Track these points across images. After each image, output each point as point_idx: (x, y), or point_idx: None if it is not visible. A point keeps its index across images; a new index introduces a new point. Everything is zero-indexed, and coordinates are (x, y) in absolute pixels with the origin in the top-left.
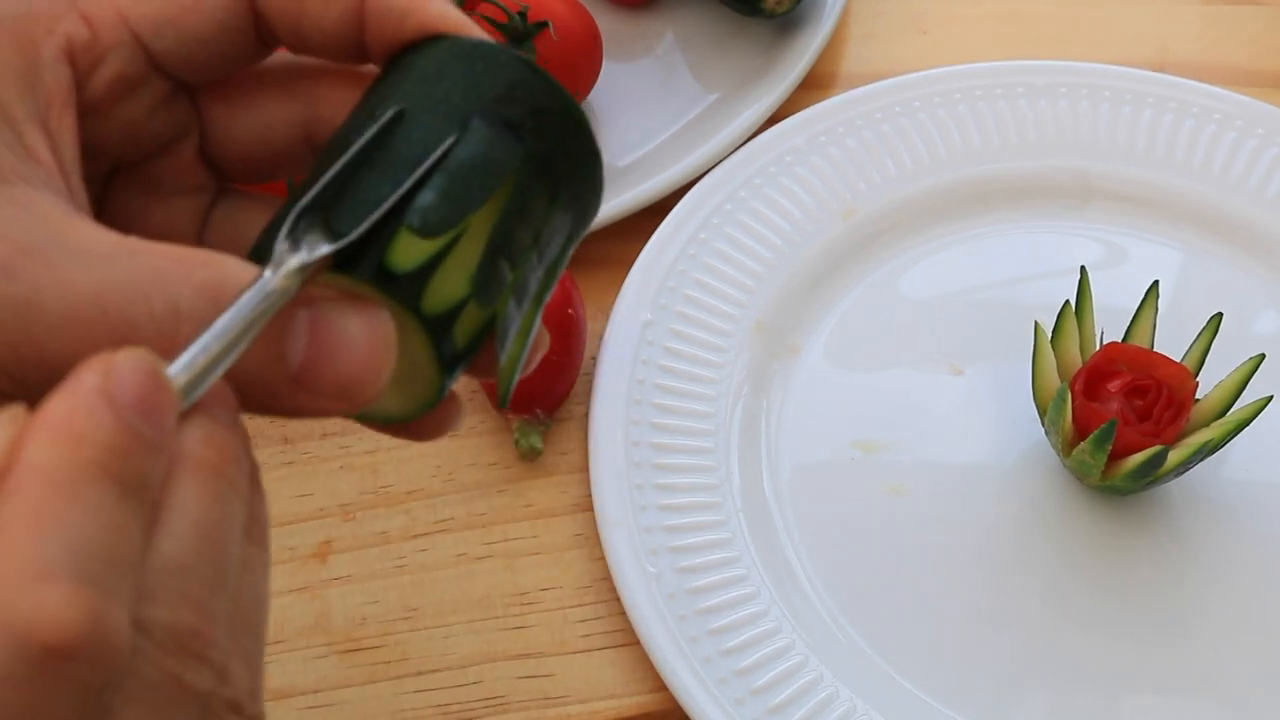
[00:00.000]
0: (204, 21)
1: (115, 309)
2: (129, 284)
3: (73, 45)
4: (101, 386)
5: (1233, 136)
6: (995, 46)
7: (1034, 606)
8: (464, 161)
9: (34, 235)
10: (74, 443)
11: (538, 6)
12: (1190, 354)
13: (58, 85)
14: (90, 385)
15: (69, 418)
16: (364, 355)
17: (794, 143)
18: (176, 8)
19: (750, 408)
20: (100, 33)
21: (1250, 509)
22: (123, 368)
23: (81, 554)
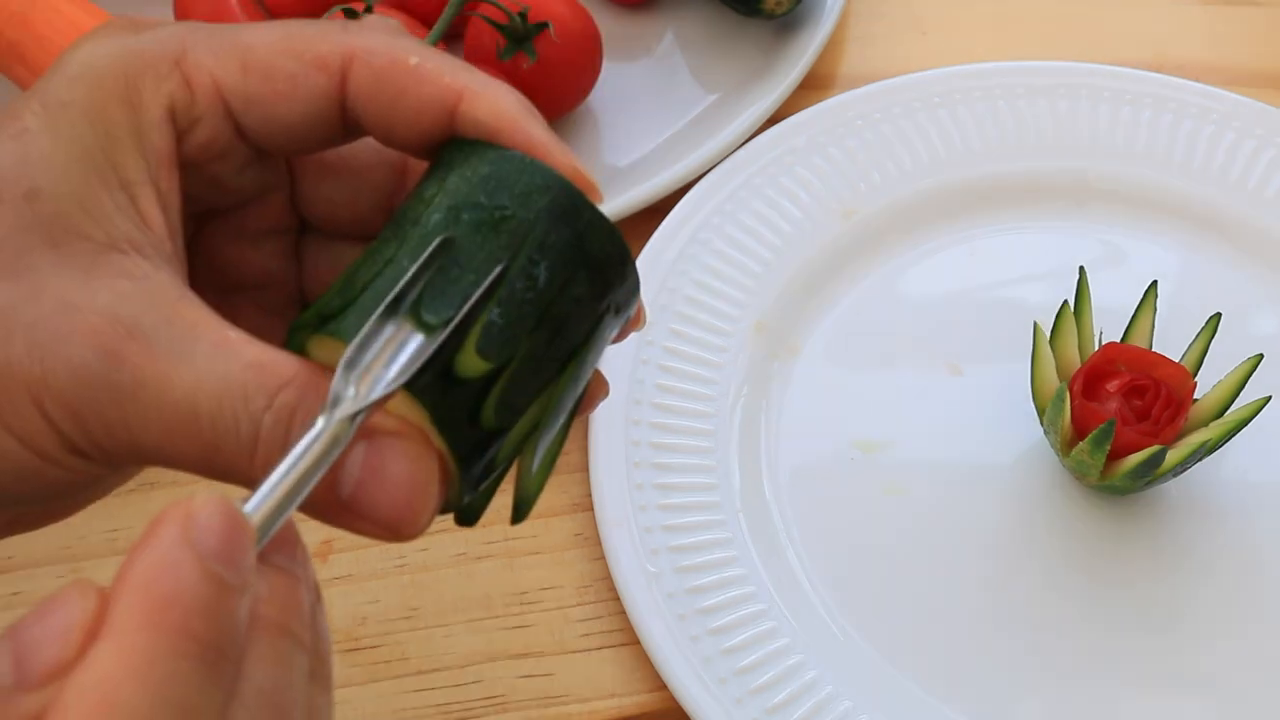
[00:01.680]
0: (294, 108)
1: (206, 418)
2: (222, 393)
3: (175, 106)
4: (183, 537)
5: (1231, 137)
6: (994, 47)
7: (1033, 605)
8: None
9: (141, 317)
10: (160, 608)
11: (538, 7)
12: (1189, 354)
13: (164, 145)
14: (172, 538)
15: (155, 577)
16: (409, 496)
17: (794, 143)
18: (269, 90)
19: (750, 408)
20: (198, 97)
21: (1249, 508)
22: (202, 514)
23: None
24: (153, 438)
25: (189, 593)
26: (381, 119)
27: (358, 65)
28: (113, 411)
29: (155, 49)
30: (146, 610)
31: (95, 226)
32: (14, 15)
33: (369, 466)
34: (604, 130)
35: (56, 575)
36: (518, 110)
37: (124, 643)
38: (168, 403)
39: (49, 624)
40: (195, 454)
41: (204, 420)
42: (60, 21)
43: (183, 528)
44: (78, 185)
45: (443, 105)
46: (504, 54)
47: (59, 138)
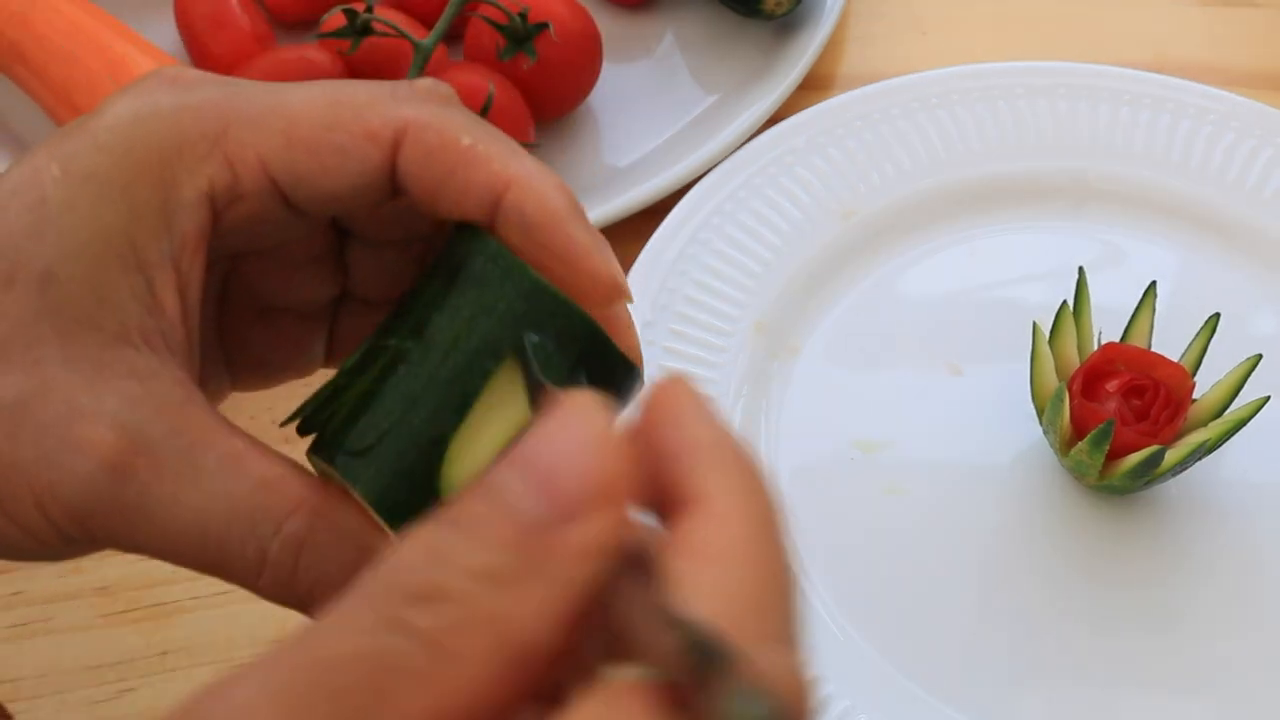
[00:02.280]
0: (343, 182)
1: (214, 539)
2: (229, 516)
3: (214, 189)
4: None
5: (1230, 137)
6: (994, 48)
7: (1032, 605)
8: None
9: (148, 428)
10: (751, 475)
11: (538, 8)
12: (1188, 354)
13: (194, 227)
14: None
15: (721, 439)
16: None
17: (793, 143)
18: (318, 166)
19: (750, 407)
20: (241, 177)
21: (1248, 508)
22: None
23: None
24: (158, 547)
25: (753, 461)
26: (428, 193)
27: (409, 141)
28: (119, 523)
29: (194, 125)
30: (740, 475)
31: (107, 316)
32: (14, 15)
33: None
34: (604, 130)
35: (58, 574)
36: (564, 208)
37: (742, 506)
38: (176, 523)
39: (568, 440)
40: (202, 565)
41: (211, 541)
42: (60, 21)
43: (702, 404)
44: (93, 268)
45: (491, 191)
46: (504, 54)
47: (78, 214)
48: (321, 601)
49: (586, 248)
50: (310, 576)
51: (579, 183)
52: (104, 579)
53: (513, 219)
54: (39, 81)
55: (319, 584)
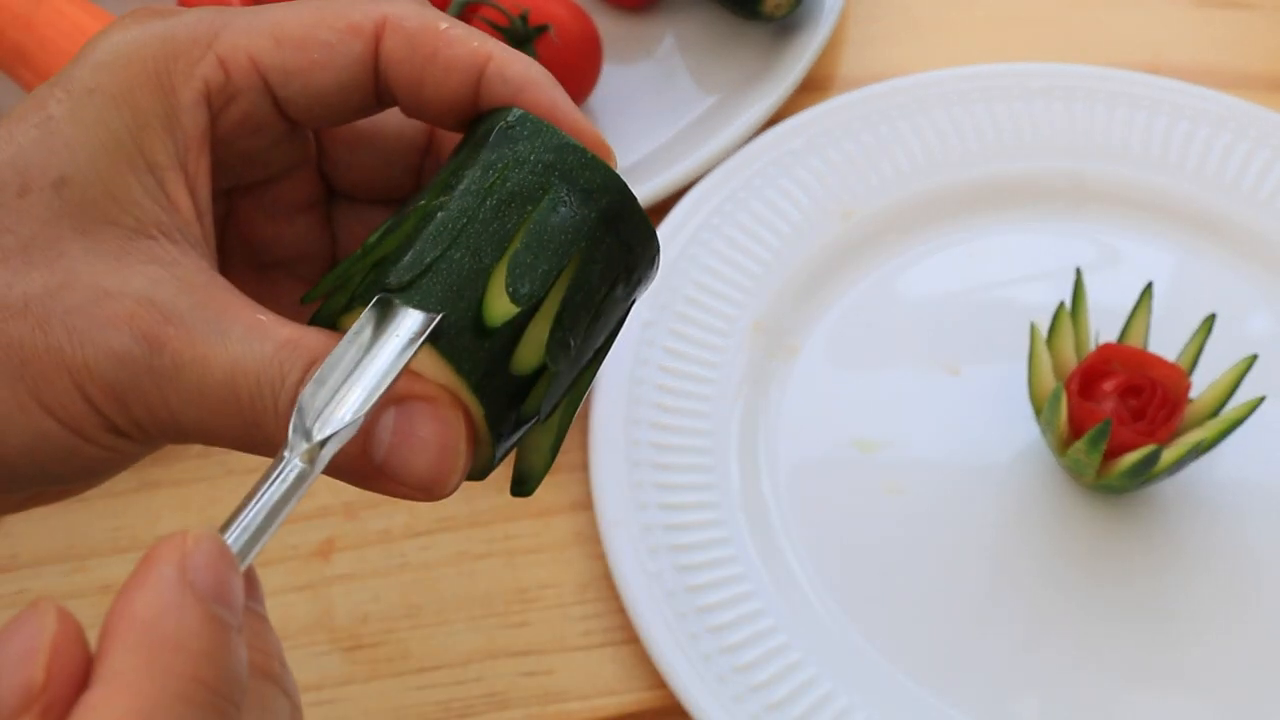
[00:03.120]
0: (330, 76)
1: (246, 396)
2: (259, 371)
3: (210, 87)
4: (180, 577)
5: (1226, 139)
6: (991, 49)
7: (1030, 603)
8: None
9: (176, 301)
10: (167, 652)
11: (538, 10)
12: (1184, 354)
13: (195, 128)
14: (169, 577)
15: (157, 619)
16: (439, 458)
17: (792, 145)
18: (306, 61)
19: (749, 407)
20: (233, 76)
21: (1243, 507)
22: (197, 552)
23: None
24: (194, 416)
25: (195, 636)
26: (412, 81)
27: (390, 29)
28: (154, 394)
29: (185, 33)
30: (151, 654)
31: (123, 212)
32: (17, 17)
33: (400, 431)
34: (604, 131)
35: (61, 573)
36: (542, 75)
37: (131, 690)
38: (208, 384)
39: (9, 649)
40: (236, 430)
41: (244, 398)
42: (63, 23)
43: (179, 567)
44: (105, 171)
45: (472, 64)
46: None
47: (85, 125)
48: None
49: (570, 108)
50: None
51: None
52: (108, 577)
53: (497, 86)
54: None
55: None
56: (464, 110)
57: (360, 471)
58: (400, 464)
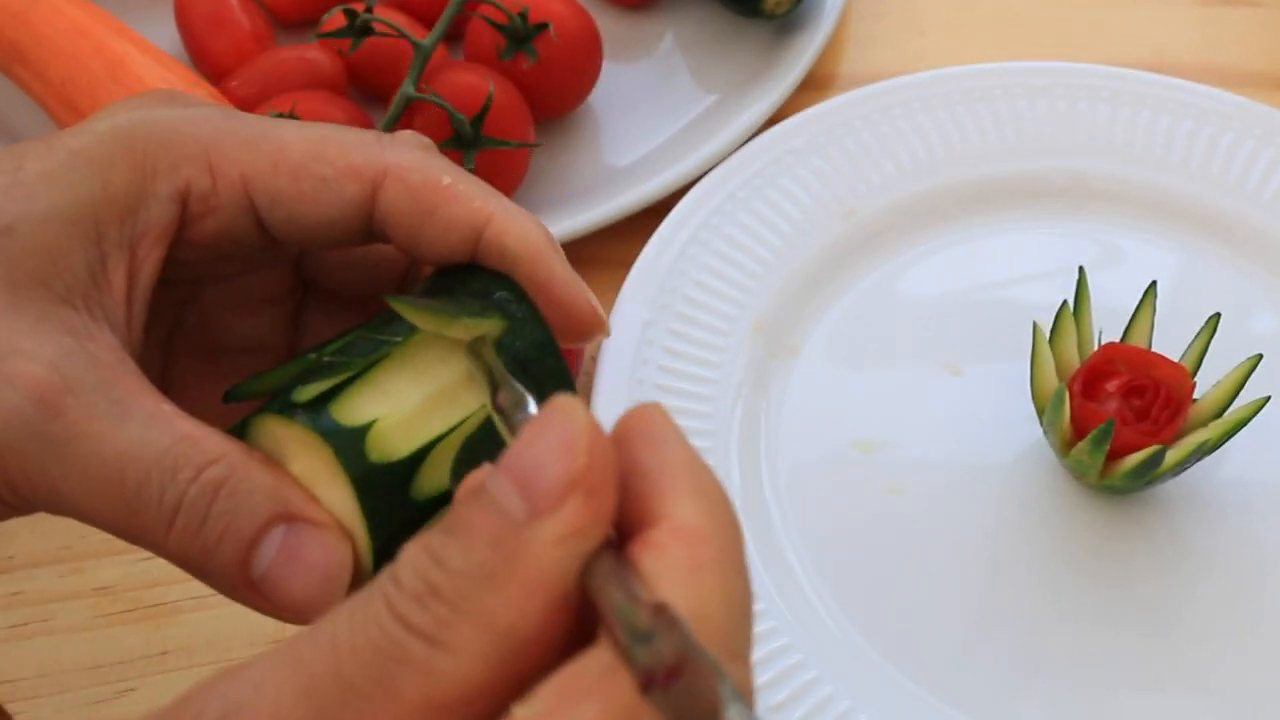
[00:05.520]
0: (320, 211)
1: (132, 482)
2: (151, 461)
3: (190, 190)
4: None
5: (1230, 137)
6: (993, 48)
7: (1032, 605)
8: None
9: (83, 375)
10: (723, 506)
11: (538, 8)
12: (1188, 354)
13: (160, 220)
14: (674, 432)
15: (702, 471)
16: (318, 586)
17: (793, 144)
18: (297, 192)
19: (749, 407)
20: (219, 186)
21: (1247, 508)
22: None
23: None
24: (74, 491)
25: (725, 492)
26: (410, 233)
27: (391, 180)
28: (36, 461)
29: (187, 129)
30: (712, 501)
31: (56, 276)
32: (15, 15)
33: (285, 549)
34: (604, 130)
35: (58, 575)
36: (543, 242)
37: (711, 529)
38: (96, 461)
39: (545, 443)
40: (113, 514)
41: (129, 484)
42: (61, 21)
43: (665, 424)
44: (53, 234)
45: (471, 226)
46: (504, 54)
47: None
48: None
49: (567, 279)
50: (221, 525)
51: (579, 183)
52: (104, 579)
53: (494, 251)
54: (39, 81)
55: (227, 536)
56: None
57: (232, 581)
58: (278, 582)
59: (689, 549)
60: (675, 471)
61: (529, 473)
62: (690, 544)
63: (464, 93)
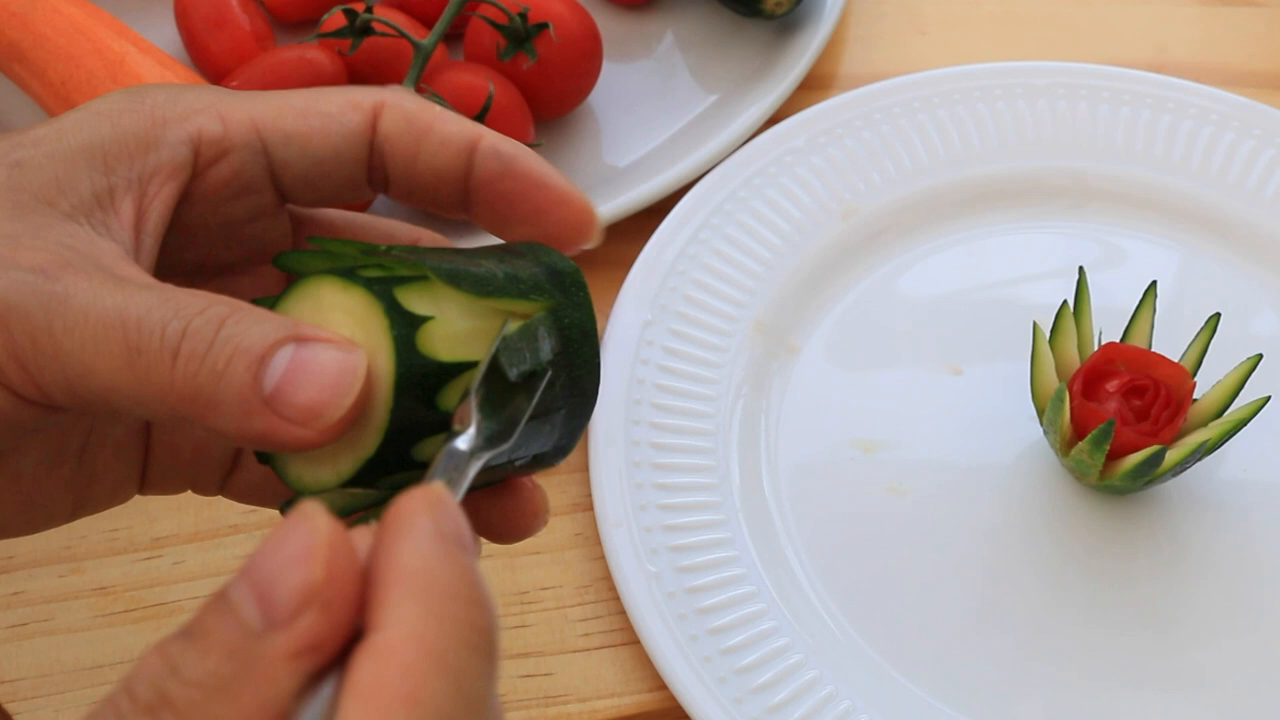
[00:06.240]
0: (328, 144)
1: (133, 325)
2: (151, 308)
3: (202, 136)
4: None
5: (1230, 137)
6: (994, 47)
7: (1032, 605)
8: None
9: (85, 258)
10: (444, 599)
11: (538, 8)
12: (1188, 354)
13: (172, 160)
14: (429, 529)
15: (430, 569)
16: (333, 382)
17: (793, 143)
18: (305, 127)
19: (750, 407)
20: (231, 130)
21: (1248, 509)
22: (445, 503)
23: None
24: (77, 347)
25: (466, 585)
26: (407, 153)
27: (388, 108)
28: (42, 319)
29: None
30: (432, 603)
31: (62, 197)
32: (14, 15)
33: (296, 361)
34: (604, 130)
35: (58, 575)
36: (533, 154)
37: (420, 636)
38: (96, 311)
39: (285, 553)
40: (116, 361)
41: (130, 325)
42: (60, 22)
43: (434, 520)
44: (62, 167)
45: (465, 140)
46: (504, 54)
47: (61, 128)
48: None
49: (560, 178)
50: (229, 346)
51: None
52: (104, 579)
53: (490, 158)
54: (39, 81)
55: (237, 355)
56: (455, 184)
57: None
58: (288, 392)
59: (382, 668)
60: (397, 576)
61: (267, 582)
62: (383, 662)
63: (464, 93)
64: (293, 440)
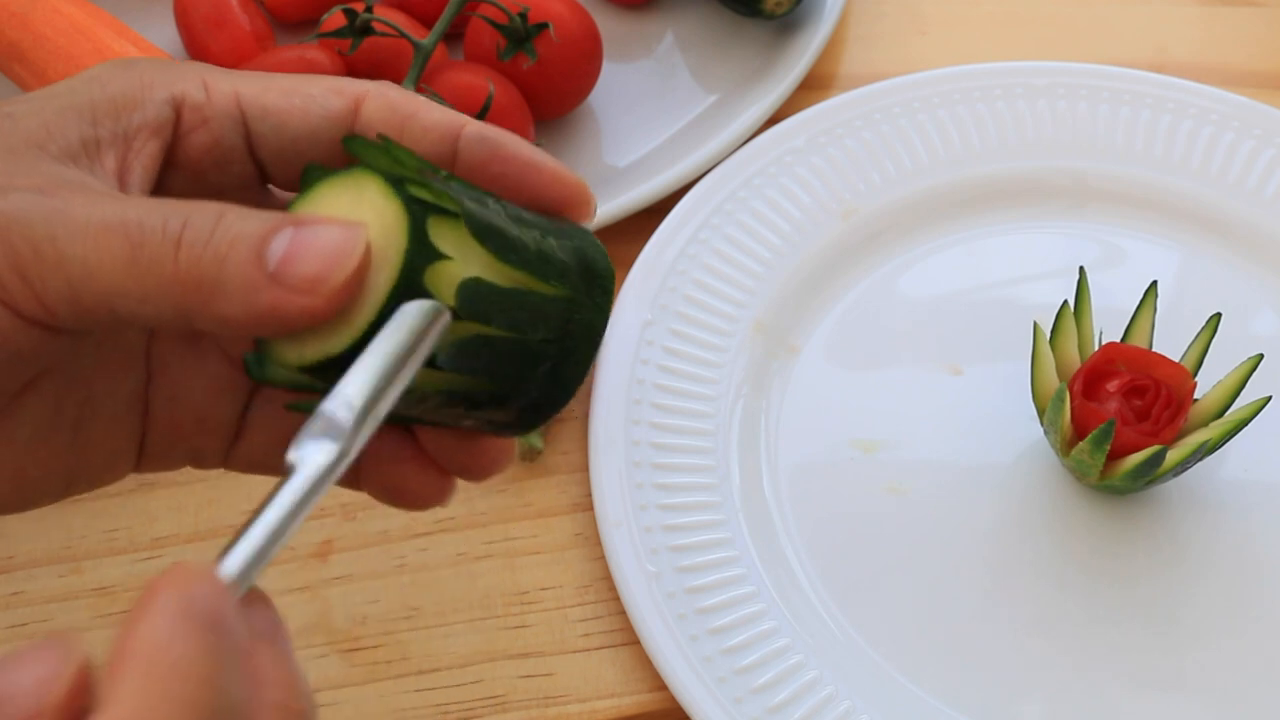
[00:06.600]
0: (306, 123)
1: (134, 224)
2: (150, 209)
3: (184, 99)
4: (181, 608)
5: (1230, 137)
6: (994, 47)
7: (1033, 605)
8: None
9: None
10: (168, 679)
11: (538, 8)
12: (1189, 354)
13: (155, 117)
14: (171, 609)
15: (157, 648)
16: (335, 248)
17: (793, 143)
18: (286, 104)
19: (750, 407)
20: (213, 98)
21: (1249, 509)
22: (197, 583)
23: None
24: (79, 249)
25: (193, 663)
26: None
27: (372, 98)
28: (44, 227)
29: (182, 66)
30: (151, 680)
31: (51, 142)
32: (14, 15)
33: (298, 239)
34: (604, 130)
35: (57, 575)
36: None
37: (130, 714)
38: (97, 214)
39: (23, 675)
40: (119, 257)
41: (131, 224)
42: (60, 21)
43: (180, 599)
44: (51, 119)
45: (449, 127)
46: (504, 54)
47: (56, 90)
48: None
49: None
50: (231, 231)
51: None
52: (103, 579)
53: (476, 142)
54: (39, 81)
55: (239, 240)
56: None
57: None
58: (292, 265)
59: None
60: (127, 656)
61: (5, 693)
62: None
63: (464, 93)
64: (299, 310)
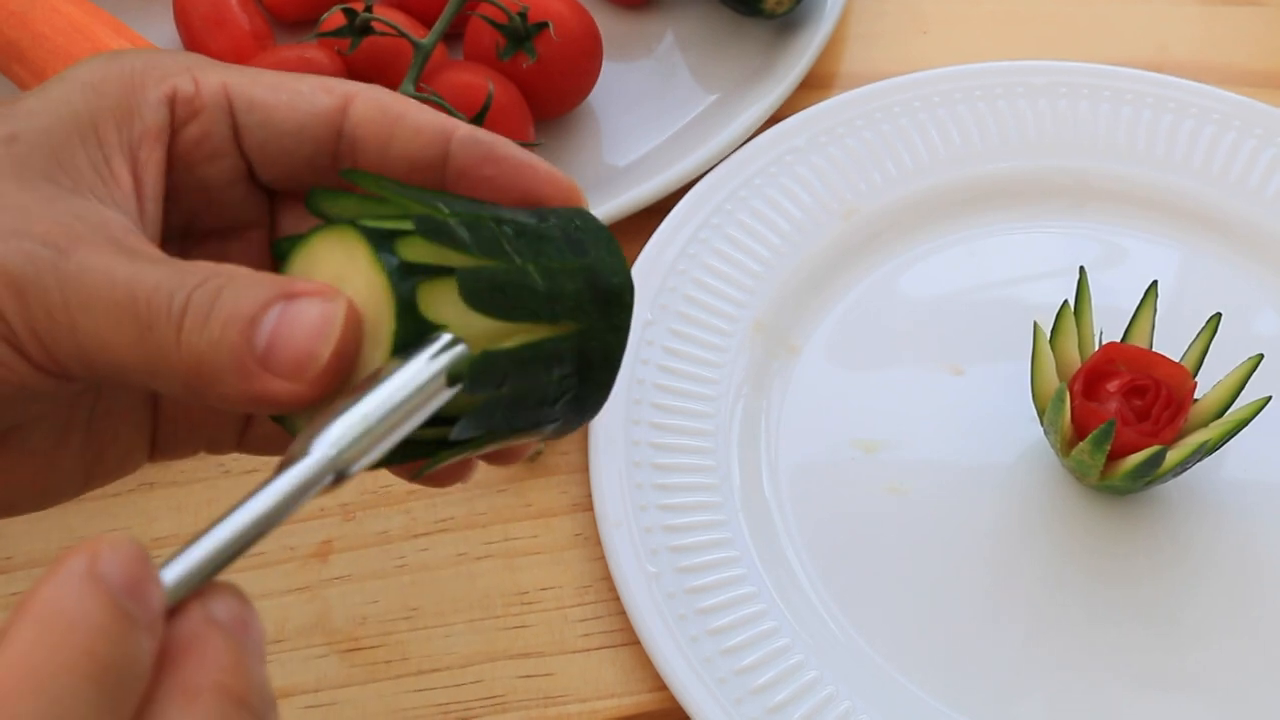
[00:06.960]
0: (293, 117)
1: (143, 301)
2: (160, 282)
3: (176, 95)
4: (89, 569)
5: (1231, 136)
6: (995, 46)
7: (1033, 605)
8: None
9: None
10: (61, 628)
11: (538, 7)
12: (1189, 354)
13: (155, 123)
14: (78, 569)
15: (57, 599)
16: (313, 329)
17: (794, 143)
18: (274, 99)
19: (750, 407)
20: (202, 91)
21: (1249, 509)
22: (108, 550)
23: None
24: (91, 323)
25: (90, 615)
26: (380, 138)
27: (361, 99)
28: (58, 295)
29: (169, 58)
30: (45, 626)
31: (63, 173)
32: (13, 15)
33: (283, 318)
34: (604, 130)
35: None
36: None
37: (18, 657)
38: (107, 286)
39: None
40: (129, 336)
41: (140, 300)
42: (59, 21)
43: (89, 561)
44: (55, 137)
45: (439, 129)
46: (504, 54)
47: (49, 101)
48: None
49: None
50: (224, 312)
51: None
52: None
53: (469, 144)
54: (38, 80)
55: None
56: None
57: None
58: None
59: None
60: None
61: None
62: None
63: (464, 92)
64: (287, 396)
